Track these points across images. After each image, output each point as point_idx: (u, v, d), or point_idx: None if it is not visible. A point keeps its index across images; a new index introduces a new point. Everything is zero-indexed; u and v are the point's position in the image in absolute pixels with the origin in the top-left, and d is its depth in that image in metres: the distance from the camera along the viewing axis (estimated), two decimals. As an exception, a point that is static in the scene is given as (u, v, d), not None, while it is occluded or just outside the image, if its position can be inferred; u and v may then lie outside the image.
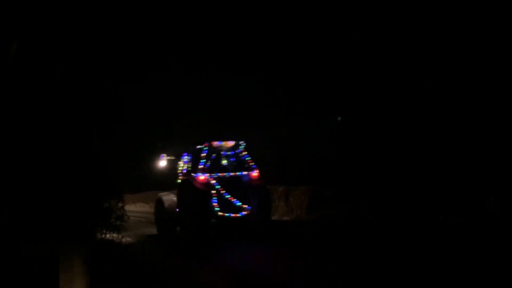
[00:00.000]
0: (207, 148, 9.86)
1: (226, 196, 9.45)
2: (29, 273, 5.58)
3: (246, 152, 10.14)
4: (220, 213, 9.26)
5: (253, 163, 9.98)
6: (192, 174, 9.67)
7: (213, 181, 9.49)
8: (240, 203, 9.48)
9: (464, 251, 6.98)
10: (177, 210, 9.99)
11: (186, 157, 10.51)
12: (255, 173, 9.85)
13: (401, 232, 9.00)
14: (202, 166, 9.60)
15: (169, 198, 10.68)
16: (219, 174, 9.69)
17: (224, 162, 10.16)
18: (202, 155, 9.81)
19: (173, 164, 10.89)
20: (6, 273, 5.54)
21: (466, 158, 10.92)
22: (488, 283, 5.32)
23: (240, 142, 10.20)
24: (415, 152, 12.56)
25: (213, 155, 10.12)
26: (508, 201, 8.54)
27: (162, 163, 11.06)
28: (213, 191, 9.38)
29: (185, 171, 10.38)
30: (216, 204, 9.28)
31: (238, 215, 9.44)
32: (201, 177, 9.39)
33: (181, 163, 10.62)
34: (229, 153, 10.32)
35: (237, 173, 9.86)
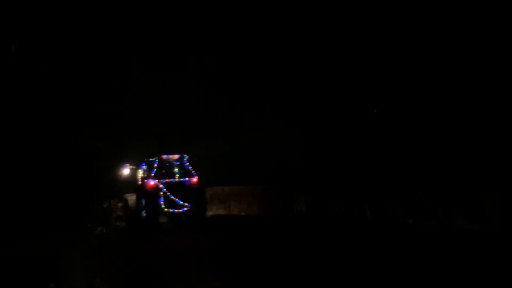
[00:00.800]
0: (157, 160, 13.11)
1: (171, 197, 12.71)
2: (29, 273, 5.92)
3: (189, 163, 13.41)
4: (166, 209, 12.53)
5: (194, 171, 13.24)
6: (145, 181, 12.92)
7: (161, 186, 12.73)
8: (182, 202, 12.74)
9: (464, 251, 7.44)
10: (136, 207, 13.23)
11: (144, 166, 13.72)
12: (195, 179, 13.12)
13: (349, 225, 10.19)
14: (153, 174, 12.85)
15: (132, 198, 13.85)
16: (166, 180, 12.94)
17: (171, 171, 13.41)
18: (154, 165, 13.06)
19: (134, 172, 14.09)
20: (6, 272, 5.95)
21: (466, 158, 10.93)
22: (487, 282, 5.61)
23: (184, 155, 13.47)
24: (414, 151, 12.74)
25: (167, 164, 13.39)
26: (509, 200, 8.69)
27: (126, 171, 14.24)
28: (161, 193, 12.63)
29: (143, 177, 13.59)
30: (162, 202, 12.54)
31: (180, 210, 12.73)
32: (151, 182, 12.64)
33: (140, 171, 13.82)
34: (178, 163, 13.60)
35: (181, 179, 13.12)
